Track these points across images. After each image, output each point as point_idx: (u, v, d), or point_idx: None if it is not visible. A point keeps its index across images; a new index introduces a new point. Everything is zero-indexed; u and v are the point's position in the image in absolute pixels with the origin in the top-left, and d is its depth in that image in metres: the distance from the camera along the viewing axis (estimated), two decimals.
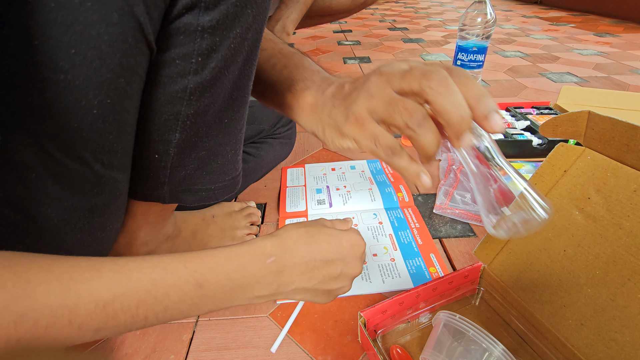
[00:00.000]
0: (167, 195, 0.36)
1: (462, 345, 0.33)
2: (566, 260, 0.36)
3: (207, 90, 0.31)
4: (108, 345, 0.42)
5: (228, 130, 0.36)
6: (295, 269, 0.30)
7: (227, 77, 0.31)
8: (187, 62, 0.28)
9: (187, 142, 0.33)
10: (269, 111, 0.71)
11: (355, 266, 0.33)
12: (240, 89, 0.34)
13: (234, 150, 0.38)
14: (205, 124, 0.33)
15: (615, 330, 0.31)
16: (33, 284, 0.20)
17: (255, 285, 0.28)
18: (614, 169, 0.34)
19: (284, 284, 0.30)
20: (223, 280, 0.27)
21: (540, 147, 0.71)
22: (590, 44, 1.71)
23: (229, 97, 0.33)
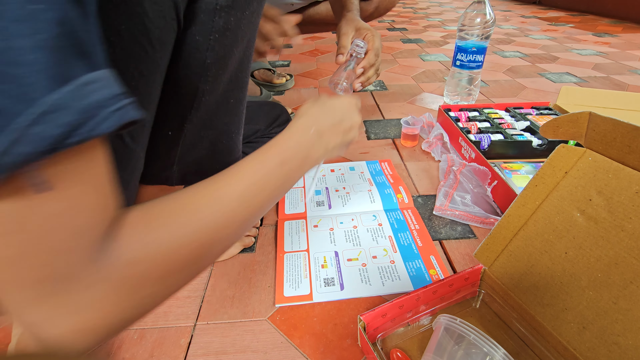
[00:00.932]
0: (176, 175, 0.38)
1: (463, 349, 0.32)
2: (567, 262, 0.36)
3: (220, 67, 0.33)
4: (105, 350, 0.41)
5: (233, 110, 0.38)
6: (328, 131, 0.37)
7: (235, 56, 0.34)
8: (205, 39, 0.31)
9: (199, 119, 0.35)
10: (266, 111, 0.71)
11: (357, 118, 0.42)
12: (242, 70, 0.37)
13: (237, 130, 0.40)
14: (215, 102, 0.35)
15: (617, 333, 0.31)
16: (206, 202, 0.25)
17: (312, 150, 0.35)
18: (616, 170, 0.34)
19: (326, 143, 0.37)
20: (293, 154, 0.33)
21: (540, 147, 0.71)
22: (589, 44, 1.71)
23: (235, 76, 0.36)
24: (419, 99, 1.12)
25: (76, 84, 0.16)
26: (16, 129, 0.15)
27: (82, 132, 0.16)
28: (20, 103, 0.15)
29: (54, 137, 0.15)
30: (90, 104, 0.16)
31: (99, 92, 0.17)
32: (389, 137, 0.88)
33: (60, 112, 0.15)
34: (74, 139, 0.16)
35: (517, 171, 0.67)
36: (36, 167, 0.16)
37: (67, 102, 0.16)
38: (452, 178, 0.67)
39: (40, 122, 0.15)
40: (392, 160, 0.77)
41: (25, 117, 0.15)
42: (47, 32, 0.15)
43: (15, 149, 0.15)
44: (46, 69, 0.15)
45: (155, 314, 0.45)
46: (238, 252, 0.54)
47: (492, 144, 0.71)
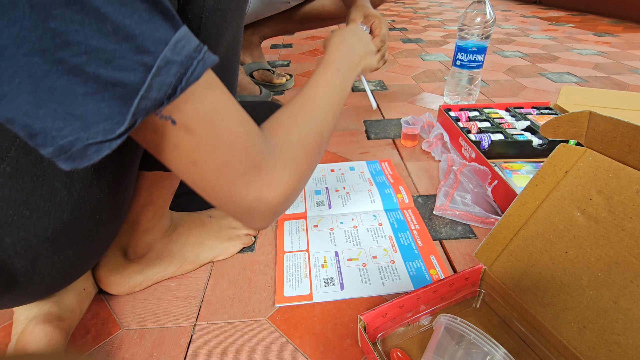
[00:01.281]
0: None
1: (464, 349, 0.32)
2: (568, 262, 0.36)
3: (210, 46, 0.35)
4: (104, 350, 0.41)
5: None
6: (357, 47, 0.49)
7: (225, 37, 0.36)
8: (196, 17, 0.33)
9: None
10: (264, 110, 0.71)
11: (371, 45, 0.55)
12: (232, 54, 0.40)
13: None
14: None
15: (618, 333, 0.31)
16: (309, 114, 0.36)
17: (351, 57, 0.46)
18: (616, 169, 0.34)
19: (358, 52, 0.49)
20: (340, 61, 0.44)
21: (541, 147, 0.71)
22: (589, 44, 1.71)
23: (225, 60, 0.38)
24: (419, 99, 1.12)
25: (171, 43, 0.21)
26: (145, 84, 0.20)
27: (185, 79, 0.22)
28: (135, 72, 0.20)
29: (170, 84, 0.21)
30: (184, 57, 0.22)
31: (186, 46, 0.22)
32: (389, 137, 0.88)
33: (169, 66, 0.21)
34: (183, 84, 0.22)
35: (518, 171, 0.67)
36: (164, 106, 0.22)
37: (171, 57, 0.21)
38: (452, 178, 0.67)
39: (160, 74, 0.21)
40: (392, 160, 0.77)
41: (146, 78, 0.20)
42: (141, 9, 0.20)
43: (150, 95, 0.21)
44: (148, 34, 0.20)
45: (154, 314, 0.45)
46: (238, 252, 0.54)
47: (492, 143, 0.71)
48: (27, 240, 0.32)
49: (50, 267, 0.35)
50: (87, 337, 0.43)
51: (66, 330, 0.40)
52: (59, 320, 0.40)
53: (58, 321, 0.40)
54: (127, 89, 0.20)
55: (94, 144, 0.20)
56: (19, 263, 0.32)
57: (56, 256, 0.34)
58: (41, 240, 0.32)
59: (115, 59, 0.19)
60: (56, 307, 0.41)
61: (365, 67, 0.52)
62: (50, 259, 0.34)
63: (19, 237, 0.31)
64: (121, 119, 0.20)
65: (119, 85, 0.20)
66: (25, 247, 0.32)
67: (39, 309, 0.40)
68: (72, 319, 0.42)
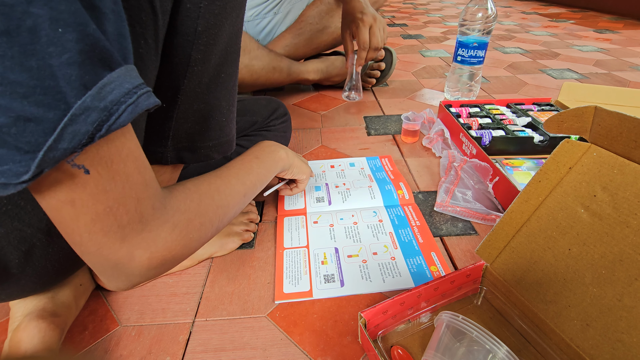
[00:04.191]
0: (171, 152, 0.40)
1: (465, 346, 0.32)
2: (571, 259, 0.35)
3: (211, 36, 0.35)
4: (102, 347, 0.41)
5: (224, 85, 0.40)
6: (282, 148, 0.51)
7: (225, 28, 0.36)
8: (196, 7, 0.32)
9: (191, 91, 0.37)
10: (263, 104, 0.70)
11: (307, 167, 0.58)
12: (233, 45, 0.39)
13: (228, 107, 0.42)
14: (207, 75, 0.37)
15: (621, 330, 0.31)
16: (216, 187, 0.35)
17: (277, 152, 0.49)
18: (621, 165, 0.33)
19: (286, 152, 0.51)
20: (261, 152, 0.46)
21: (542, 144, 0.70)
22: (590, 41, 1.70)
23: (225, 51, 0.38)
24: (419, 95, 1.11)
25: (97, 87, 0.20)
26: (56, 130, 0.19)
27: (106, 126, 0.20)
28: (57, 109, 0.19)
29: (86, 132, 0.20)
30: (109, 103, 0.20)
31: (115, 91, 0.21)
32: (390, 133, 0.88)
33: (87, 113, 0.20)
34: (102, 132, 0.20)
35: (519, 167, 0.66)
36: (77, 155, 0.21)
37: (91, 104, 0.20)
38: (453, 174, 0.66)
39: (73, 122, 0.19)
40: (393, 156, 0.77)
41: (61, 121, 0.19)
42: (71, 51, 0.19)
43: (59, 145, 0.19)
44: (73, 80, 0.19)
45: (153, 311, 0.45)
46: (237, 248, 0.54)
47: (493, 140, 0.71)
48: (21, 230, 0.31)
49: (45, 259, 0.34)
50: (84, 334, 0.43)
51: (61, 326, 0.39)
52: (53, 316, 0.39)
53: (53, 317, 0.39)
54: (35, 136, 0.19)
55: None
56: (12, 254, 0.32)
57: (51, 248, 0.34)
58: (35, 230, 0.32)
59: (34, 95, 0.18)
60: (51, 303, 0.40)
61: (295, 165, 0.53)
62: (44, 250, 0.33)
63: (13, 227, 0.31)
64: (25, 167, 0.19)
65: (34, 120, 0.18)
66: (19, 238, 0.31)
67: (34, 305, 0.40)
68: (68, 315, 0.41)
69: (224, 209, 0.35)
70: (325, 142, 0.84)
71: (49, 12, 0.18)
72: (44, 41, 0.18)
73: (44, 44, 0.18)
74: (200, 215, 0.31)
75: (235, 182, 0.38)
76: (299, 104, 1.07)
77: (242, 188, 0.39)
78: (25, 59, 0.17)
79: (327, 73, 1.09)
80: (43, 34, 0.18)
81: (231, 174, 0.39)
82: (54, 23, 0.18)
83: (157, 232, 0.27)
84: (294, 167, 0.53)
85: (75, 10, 0.19)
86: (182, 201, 0.30)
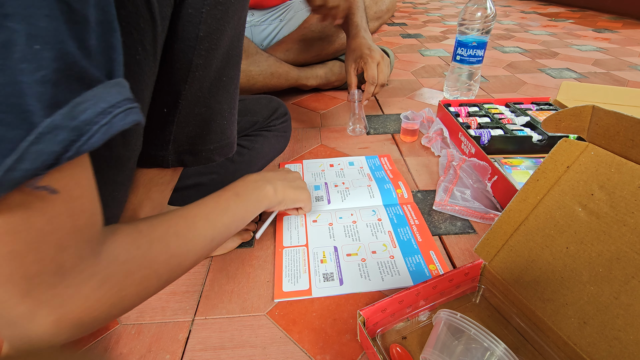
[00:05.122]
0: (172, 155, 0.39)
1: (463, 344, 0.32)
2: (568, 257, 0.35)
3: (212, 41, 0.34)
4: (102, 345, 0.41)
5: (225, 88, 0.39)
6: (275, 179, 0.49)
7: (227, 32, 0.35)
8: (198, 12, 0.32)
9: (192, 95, 0.36)
10: (263, 103, 0.70)
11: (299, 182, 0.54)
12: (235, 48, 0.38)
13: (230, 110, 0.42)
14: (208, 79, 0.36)
15: (618, 328, 0.31)
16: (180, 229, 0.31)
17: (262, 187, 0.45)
18: (618, 164, 0.33)
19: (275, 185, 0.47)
20: (244, 188, 0.43)
21: (540, 143, 0.71)
22: (589, 40, 1.70)
23: (227, 54, 0.37)
24: (418, 94, 1.12)
25: (69, 106, 0.18)
26: (19, 149, 0.17)
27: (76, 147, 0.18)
28: (19, 129, 0.17)
29: (53, 153, 0.18)
30: (81, 122, 0.19)
31: (89, 110, 0.19)
32: (389, 132, 0.88)
33: (55, 132, 0.18)
34: (70, 154, 0.18)
35: (517, 166, 0.66)
36: (39, 179, 0.18)
37: (61, 122, 0.18)
38: (451, 173, 0.66)
39: (39, 141, 0.17)
40: (392, 155, 0.77)
41: (26, 139, 0.17)
42: (46, 69, 0.17)
43: (20, 166, 0.17)
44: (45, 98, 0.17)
45: (152, 309, 0.45)
46: (236, 247, 0.54)
47: (492, 139, 0.71)
48: None
49: None
50: None
51: None
52: None
53: None
54: None
55: None
56: None
57: None
58: None
59: None
60: None
61: (287, 198, 0.49)
62: None
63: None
64: None
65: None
66: None
67: None
68: None
69: (179, 258, 0.30)
70: (324, 141, 0.84)
71: (27, 28, 0.17)
72: (16, 57, 0.16)
73: (16, 60, 0.16)
74: (145, 267, 0.26)
75: (202, 225, 0.33)
76: (298, 103, 1.07)
77: (210, 232, 0.34)
78: None
79: (326, 79, 1.09)
80: (17, 49, 0.16)
81: (200, 213, 0.34)
82: (31, 40, 0.17)
83: (77, 288, 0.22)
84: (285, 201, 0.49)
85: (55, 27, 0.18)
86: (125, 248, 0.25)
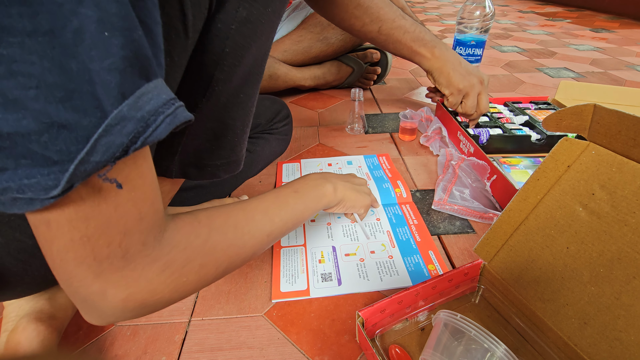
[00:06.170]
0: (176, 166, 0.38)
1: (463, 345, 0.32)
2: (569, 257, 0.35)
3: (236, 58, 0.34)
4: (96, 347, 0.40)
5: (241, 105, 0.38)
6: (335, 178, 0.47)
7: (252, 50, 0.34)
8: (227, 27, 0.31)
9: (208, 109, 0.35)
10: (267, 105, 0.70)
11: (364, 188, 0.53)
12: (257, 66, 0.37)
13: (243, 127, 0.40)
14: (226, 94, 0.35)
15: (619, 329, 0.31)
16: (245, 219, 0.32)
17: (320, 185, 0.44)
18: (620, 164, 0.33)
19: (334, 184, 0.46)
20: (303, 185, 0.42)
21: (539, 142, 0.70)
22: (586, 40, 1.71)
23: (248, 72, 0.36)
24: (417, 93, 1.11)
25: (134, 96, 0.18)
26: (90, 141, 0.17)
27: (142, 138, 0.19)
28: (93, 116, 0.17)
29: (121, 145, 0.18)
30: (146, 113, 0.19)
31: (152, 101, 0.19)
32: (387, 131, 0.87)
33: (123, 124, 0.18)
34: (137, 145, 0.19)
35: (516, 166, 0.66)
36: (108, 169, 0.19)
37: (127, 114, 0.18)
38: (450, 172, 0.66)
39: (108, 133, 0.18)
40: (390, 154, 0.77)
41: (96, 131, 0.17)
42: (114, 57, 0.17)
43: (91, 158, 0.17)
44: (112, 87, 0.17)
45: None
46: None
47: (490, 138, 0.70)
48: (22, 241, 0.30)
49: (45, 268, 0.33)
50: (79, 334, 0.42)
51: (59, 328, 0.39)
52: (51, 319, 0.39)
53: (51, 320, 0.38)
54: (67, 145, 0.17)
55: (22, 199, 0.17)
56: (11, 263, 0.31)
57: None
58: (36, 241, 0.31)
59: (71, 100, 0.17)
60: (49, 305, 0.40)
61: (347, 199, 0.47)
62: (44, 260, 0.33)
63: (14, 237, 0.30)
64: (55, 180, 0.17)
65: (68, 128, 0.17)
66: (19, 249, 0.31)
67: (31, 307, 0.39)
68: (65, 317, 0.41)
69: (237, 249, 0.31)
70: (322, 140, 0.84)
71: (98, 14, 0.16)
72: (87, 43, 0.16)
73: (86, 47, 0.16)
74: (204, 255, 0.27)
75: (260, 219, 0.34)
76: (296, 102, 1.06)
77: (268, 226, 0.34)
78: (65, 60, 0.16)
79: (323, 79, 1.08)
80: (87, 36, 0.16)
81: (259, 207, 0.34)
82: (101, 25, 0.17)
83: (142, 271, 0.23)
84: (345, 201, 0.47)
85: (125, 14, 0.17)
86: (185, 235, 0.26)
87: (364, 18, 0.66)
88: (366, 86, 1.14)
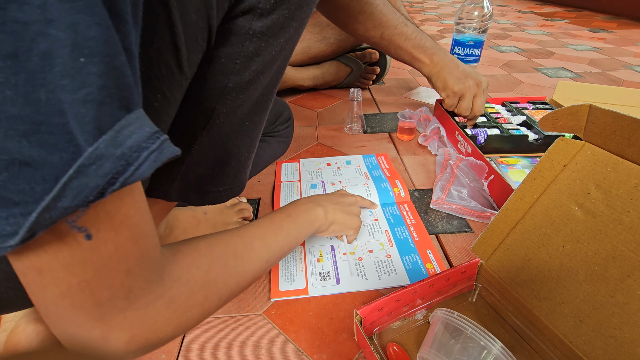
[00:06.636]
0: (175, 192, 0.36)
1: (460, 343, 0.32)
2: (565, 256, 0.35)
3: (242, 91, 0.32)
4: None
5: (247, 133, 0.37)
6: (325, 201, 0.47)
7: (260, 81, 0.33)
8: (231, 62, 0.30)
9: (209, 140, 0.34)
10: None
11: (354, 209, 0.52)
12: (267, 94, 0.36)
13: (248, 153, 0.39)
14: (230, 125, 0.34)
15: (614, 327, 0.31)
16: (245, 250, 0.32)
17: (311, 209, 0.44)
18: (615, 163, 0.34)
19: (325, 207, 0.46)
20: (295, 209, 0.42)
21: (537, 142, 0.71)
22: (584, 40, 1.71)
23: (256, 101, 0.35)
24: (415, 93, 1.12)
25: (113, 130, 0.16)
26: (58, 183, 0.15)
27: (122, 179, 0.17)
28: (60, 152, 0.15)
29: (96, 187, 0.16)
30: (127, 149, 0.17)
31: (134, 135, 0.17)
32: (386, 130, 0.88)
33: (99, 163, 0.16)
34: (116, 187, 0.16)
35: (513, 166, 0.67)
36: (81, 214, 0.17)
37: (105, 151, 0.16)
38: (448, 172, 0.67)
39: (81, 175, 0.15)
40: (389, 154, 0.77)
41: (66, 171, 0.15)
42: (91, 86, 0.15)
43: (59, 204, 0.15)
44: (87, 121, 0.15)
45: None
46: None
47: (488, 138, 0.71)
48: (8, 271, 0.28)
49: None
50: None
51: None
52: None
53: None
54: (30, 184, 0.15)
55: None
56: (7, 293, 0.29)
57: None
58: None
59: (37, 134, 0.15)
60: None
61: (337, 222, 0.47)
62: None
63: None
64: (14, 227, 0.15)
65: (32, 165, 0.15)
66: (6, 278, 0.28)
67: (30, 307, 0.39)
68: None
69: (238, 279, 0.30)
70: (321, 140, 0.84)
71: (73, 37, 0.14)
72: (57, 70, 0.14)
73: (57, 74, 0.14)
74: (207, 287, 0.26)
75: (258, 246, 0.33)
76: (295, 102, 1.06)
77: (265, 253, 0.33)
78: (31, 89, 0.14)
79: (322, 79, 1.08)
80: (58, 62, 0.14)
81: (255, 234, 0.34)
82: (76, 51, 0.15)
83: (146, 310, 0.22)
84: (335, 224, 0.47)
85: (107, 38, 0.15)
86: (186, 269, 0.25)
87: (367, 24, 0.67)
88: (365, 86, 1.14)
